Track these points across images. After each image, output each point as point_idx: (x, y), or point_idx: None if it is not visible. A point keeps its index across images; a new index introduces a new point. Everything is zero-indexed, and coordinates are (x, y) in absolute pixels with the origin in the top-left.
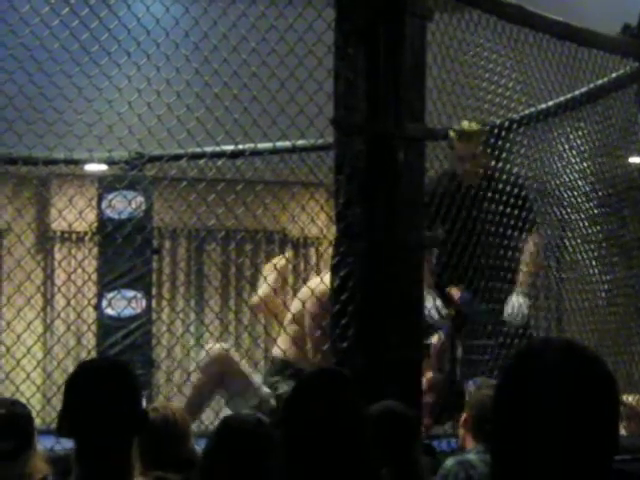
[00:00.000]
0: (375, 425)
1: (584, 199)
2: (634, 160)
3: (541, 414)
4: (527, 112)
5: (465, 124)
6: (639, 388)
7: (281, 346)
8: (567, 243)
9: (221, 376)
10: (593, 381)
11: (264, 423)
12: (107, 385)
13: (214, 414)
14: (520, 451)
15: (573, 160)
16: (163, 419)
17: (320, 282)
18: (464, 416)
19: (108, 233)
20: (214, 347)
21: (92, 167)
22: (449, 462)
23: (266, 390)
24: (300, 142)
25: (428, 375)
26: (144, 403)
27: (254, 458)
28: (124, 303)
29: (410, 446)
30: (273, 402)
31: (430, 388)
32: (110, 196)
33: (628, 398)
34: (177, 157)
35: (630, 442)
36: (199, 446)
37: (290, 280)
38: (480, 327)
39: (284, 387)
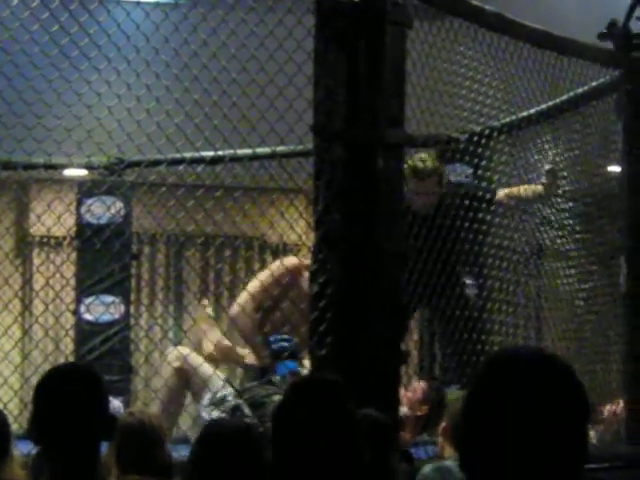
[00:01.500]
0: None
1: (562, 207)
2: (612, 169)
3: (511, 421)
4: (507, 120)
5: (419, 162)
6: (616, 396)
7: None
8: (545, 251)
9: (184, 383)
10: (563, 389)
11: (250, 427)
12: (74, 390)
13: (192, 420)
14: (490, 458)
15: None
16: (139, 424)
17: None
18: (443, 425)
19: (87, 238)
20: (172, 353)
21: (71, 172)
22: (426, 469)
23: (229, 390)
24: (280, 148)
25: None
26: (122, 409)
27: (240, 463)
28: (102, 308)
29: (387, 454)
30: (233, 402)
31: (425, 400)
32: (89, 201)
33: (606, 407)
34: (156, 163)
35: (605, 450)
36: (175, 452)
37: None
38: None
39: (261, 393)
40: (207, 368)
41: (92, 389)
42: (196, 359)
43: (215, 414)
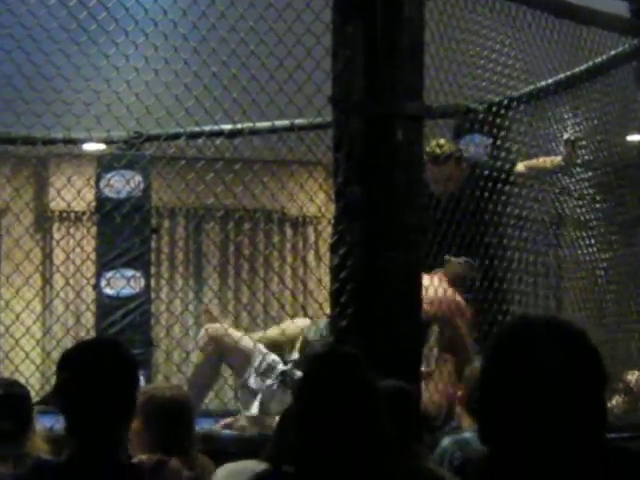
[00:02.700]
0: None
1: (582, 177)
2: (633, 138)
3: (528, 389)
4: (526, 90)
5: (436, 146)
6: (638, 365)
7: None
8: (566, 222)
9: (220, 354)
10: (577, 354)
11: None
12: (100, 364)
13: (214, 393)
14: (509, 427)
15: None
16: (170, 400)
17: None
18: (459, 393)
19: (106, 212)
20: (212, 326)
21: (90, 146)
22: (445, 441)
23: (274, 357)
24: (298, 121)
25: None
26: (143, 382)
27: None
28: (123, 282)
29: (410, 422)
30: (282, 366)
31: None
32: (108, 175)
33: (627, 376)
34: (175, 136)
35: (626, 420)
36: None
37: (289, 259)
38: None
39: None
40: (247, 341)
41: (117, 364)
42: (233, 334)
43: (269, 382)
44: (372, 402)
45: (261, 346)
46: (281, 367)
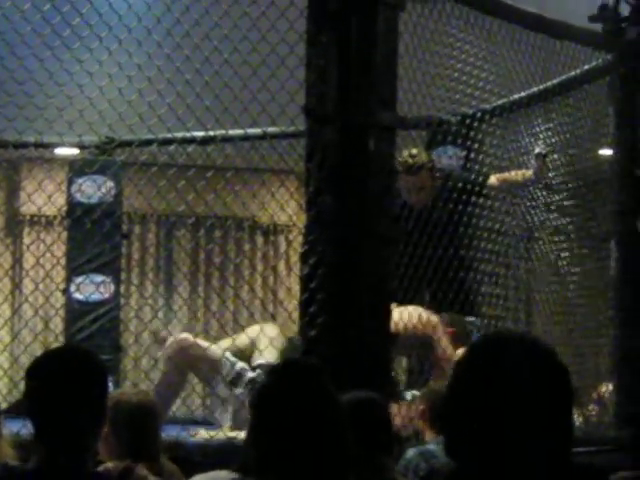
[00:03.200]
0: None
1: (554, 190)
2: (604, 152)
3: (496, 405)
4: (499, 103)
5: (409, 156)
6: (606, 378)
7: None
8: (537, 234)
9: (188, 364)
10: (546, 371)
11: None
12: (70, 371)
13: (181, 400)
14: (475, 442)
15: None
16: (137, 406)
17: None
18: (420, 408)
19: (77, 217)
20: (180, 336)
21: (62, 151)
22: (410, 452)
23: (242, 365)
24: (271, 129)
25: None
26: (111, 388)
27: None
28: (93, 288)
29: (378, 433)
30: (250, 374)
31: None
32: (80, 180)
33: (601, 388)
34: (147, 142)
35: (593, 434)
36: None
37: (259, 267)
38: None
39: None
40: (215, 350)
41: (87, 371)
42: (201, 343)
43: (239, 391)
44: (332, 413)
45: (229, 354)
46: (250, 375)
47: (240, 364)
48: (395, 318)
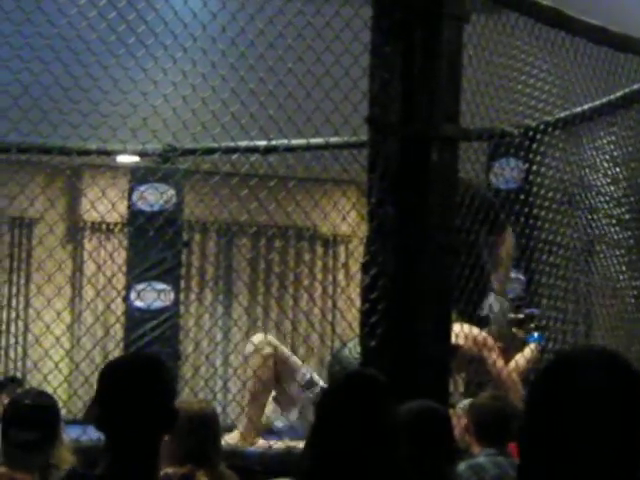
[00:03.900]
0: (408, 422)
1: (615, 204)
2: None
3: (575, 425)
4: (561, 115)
5: None
6: None
7: None
8: (597, 248)
9: (276, 377)
10: (632, 394)
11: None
12: (141, 380)
13: (240, 409)
14: (551, 457)
15: (605, 165)
16: (199, 415)
17: None
18: (465, 422)
19: (139, 225)
20: (259, 338)
21: (125, 159)
22: (460, 467)
23: (316, 375)
24: (334, 139)
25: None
26: None
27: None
28: (153, 295)
29: (441, 444)
30: (322, 384)
31: None
32: (142, 188)
33: None
34: (210, 151)
35: None
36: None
37: (319, 277)
38: None
39: None
40: (296, 358)
41: (158, 380)
42: (285, 348)
43: (309, 394)
44: (385, 424)
45: (306, 365)
46: (322, 384)
47: (315, 374)
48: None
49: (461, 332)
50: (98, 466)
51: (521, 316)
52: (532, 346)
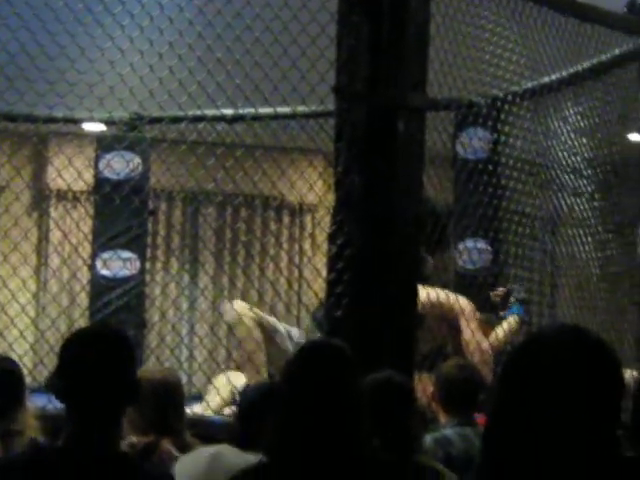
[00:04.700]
0: (371, 393)
1: (581, 175)
2: (633, 137)
3: (545, 404)
4: (529, 86)
5: None
6: (629, 364)
7: None
8: (562, 218)
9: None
10: (602, 370)
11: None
12: (103, 352)
13: (206, 378)
14: (520, 431)
15: (572, 135)
16: (161, 383)
17: None
18: (432, 390)
19: (105, 193)
20: (239, 305)
21: (91, 127)
22: (426, 439)
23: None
24: (301, 108)
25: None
26: None
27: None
28: (119, 264)
29: (406, 415)
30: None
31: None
32: (108, 156)
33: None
34: (177, 120)
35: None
36: (189, 408)
37: (285, 246)
38: None
39: None
40: (274, 320)
41: (120, 351)
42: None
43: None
44: (350, 395)
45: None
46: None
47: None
48: (422, 298)
49: (433, 293)
50: (61, 435)
51: (499, 295)
52: (510, 319)
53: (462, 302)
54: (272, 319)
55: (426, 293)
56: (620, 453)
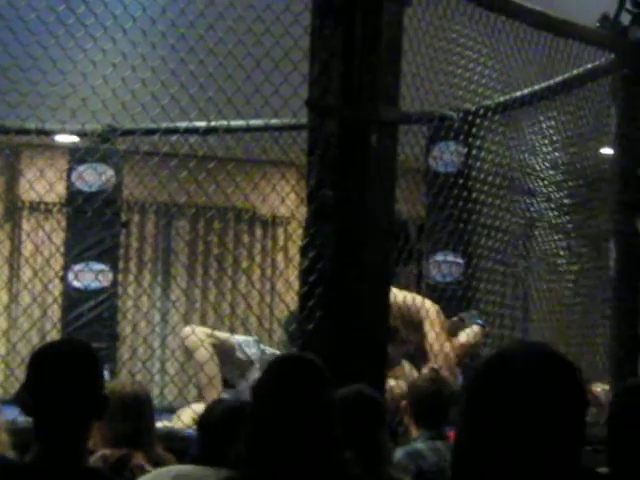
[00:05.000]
0: (342, 407)
1: (554, 188)
2: (605, 151)
3: (510, 420)
4: (501, 100)
5: None
6: (602, 377)
7: None
8: (536, 232)
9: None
10: (565, 389)
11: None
12: (70, 367)
13: (177, 390)
14: (488, 447)
15: (545, 149)
16: (132, 396)
17: None
18: (404, 403)
19: (77, 205)
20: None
21: (64, 138)
22: (398, 453)
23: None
24: (273, 121)
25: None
26: (107, 377)
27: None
28: (91, 276)
29: (376, 429)
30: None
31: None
32: (81, 168)
33: (597, 388)
34: (150, 132)
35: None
36: (160, 421)
37: (258, 259)
38: None
39: None
40: (228, 336)
41: (88, 367)
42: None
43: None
44: (321, 409)
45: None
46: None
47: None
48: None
49: (400, 295)
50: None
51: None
52: (475, 328)
53: (427, 304)
54: (224, 335)
55: (393, 295)
56: (581, 467)
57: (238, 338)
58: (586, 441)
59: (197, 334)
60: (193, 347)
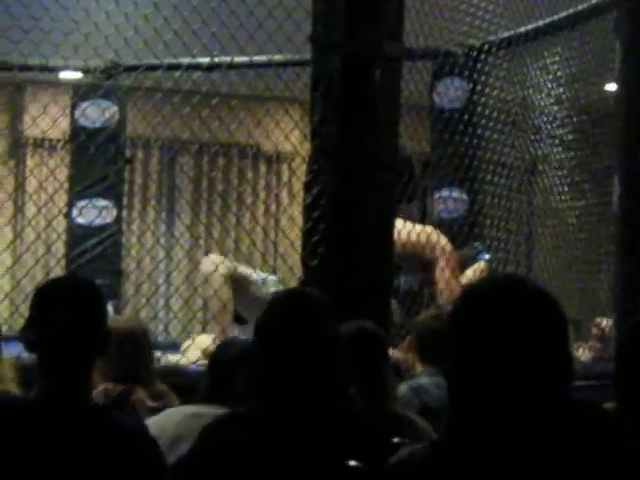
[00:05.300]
0: (346, 343)
1: (558, 124)
2: (610, 87)
3: (492, 347)
4: (505, 35)
5: None
6: (605, 311)
7: None
8: (540, 168)
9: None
10: (537, 308)
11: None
12: (74, 303)
13: (181, 326)
14: (476, 381)
15: (549, 85)
16: (128, 332)
17: None
18: (408, 339)
19: (81, 142)
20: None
21: (67, 75)
22: (402, 388)
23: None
24: (277, 57)
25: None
26: (111, 313)
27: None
28: (95, 212)
29: (380, 365)
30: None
31: None
32: (84, 104)
33: (602, 322)
34: (153, 68)
35: (592, 368)
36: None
37: (262, 196)
38: None
39: None
40: (250, 271)
41: (91, 303)
42: (246, 268)
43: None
44: (327, 343)
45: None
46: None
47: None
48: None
49: (414, 231)
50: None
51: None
52: (482, 264)
53: (442, 242)
54: (247, 270)
55: (405, 228)
56: (570, 398)
57: (261, 275)
58: (575, 375)
59: (212, 260)
60: (208, 274)
